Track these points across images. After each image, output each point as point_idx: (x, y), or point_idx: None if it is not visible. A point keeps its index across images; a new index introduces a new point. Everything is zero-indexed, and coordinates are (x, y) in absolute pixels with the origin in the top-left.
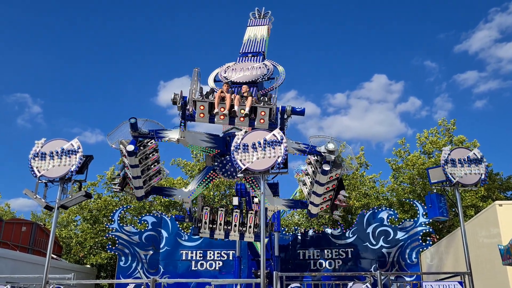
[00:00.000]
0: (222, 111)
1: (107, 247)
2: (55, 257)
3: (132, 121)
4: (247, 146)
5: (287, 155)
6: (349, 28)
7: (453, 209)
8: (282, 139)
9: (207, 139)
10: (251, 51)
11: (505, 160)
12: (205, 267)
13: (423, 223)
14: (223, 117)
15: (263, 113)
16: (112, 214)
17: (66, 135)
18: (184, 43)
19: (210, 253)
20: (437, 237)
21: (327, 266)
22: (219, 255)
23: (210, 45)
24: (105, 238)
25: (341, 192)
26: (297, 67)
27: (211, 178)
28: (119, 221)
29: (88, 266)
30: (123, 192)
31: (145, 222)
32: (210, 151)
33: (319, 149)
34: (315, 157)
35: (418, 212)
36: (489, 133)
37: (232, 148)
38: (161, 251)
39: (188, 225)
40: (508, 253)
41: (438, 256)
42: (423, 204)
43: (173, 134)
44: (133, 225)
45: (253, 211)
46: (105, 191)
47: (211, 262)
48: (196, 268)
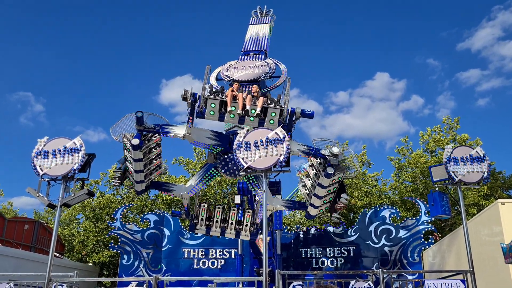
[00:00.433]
0: (233, 110)
1: (110, 245)
2: (57, 255)
3: (138, 114)
4: (249, 144)
5: (289, 153)
6: (351, 26)
7: (456, 208)
8: (284, 137)
9: (212, 137)
10: (253, 50)
11: (508, 158)
12: (207, 265)
13: (425, 221)
14: (234, 116)
15: (274, 114)
16: (114, 212)
17: (68, 133)
18: (186, 42)
19: (212, 252)
20: (439, 235)
21: (329, 264)
22: (221, 254)
23: (212, 44)
24: (107, 236)
25: (342, 195)
26: (299, 66)
27: (212, 175)
28: (121, 220)
29: (90, 264)
30: (123, 186)
31: (147, 220)
32: (213, 149)
33: (323, 152)
34: (318, 160)
35: (420, 210)
36: (491, 132)
37: (234, 146)
38: (163, 250)
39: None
40: (510, 252)
41: (440, 254)
42: (425, 202)
43: (179, 129)
44: (135, 224)
45: (250, 210)
46: (107, 189)
47: (213, 260)
48: (198, 266)
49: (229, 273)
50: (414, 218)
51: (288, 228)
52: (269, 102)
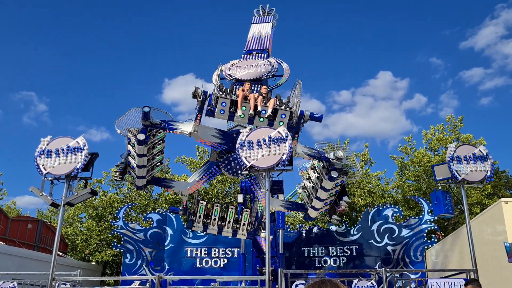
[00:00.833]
0: (244, 110)
1: (113, 244)
2: (61, 254)
3: (146, 109)
4: (252, 143)
5: (291, 152)
6: (354, 25)
7: (459, 207)
8: (287, 136)
9: (217, 135)
10: (256, 49)
11: (511, 157)
12: (210, 264)
13: (428, 220)
14: (244, 116)
15: (284, 115)
16: (117, 211)
17: (71, 133)
18: (188, 41)
19: (214, 251)
20: (442, 234)
21: (331, 263)
22: (223, 253)
23: (214, 43)
24: (110, 235)
25: (344, 198)
26: (301, 64)
27: (213, 173)
28: (124, 219)
29: (93, 263)
30: (125, 182)
31: (150, 219)
32: (218, 147)
33: (328, 156)
34: (321, 163)
35: (423, 209)
36: (495, 130)
37: (237, 145)
38: (166, 249)
39: None
40: None
41: (443, 253)
42: (428, 201)
43: (185, 127)
44: (138, 223)
45: (248, 209)
46: (110, 188)
47: (215, 259)
48: (201, 265)
49: (232, 272)
50: (417, 217)
51: (290, 227)
52: (279, 103)
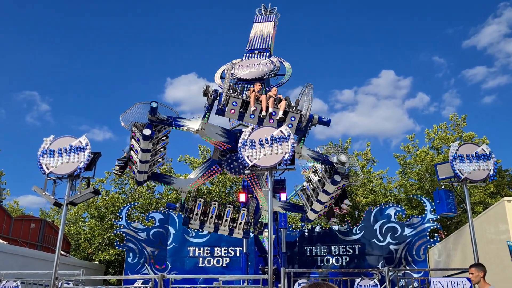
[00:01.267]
0: (255, 111)
1: (115, 243)
2: (64, 253)
3: (153, 105)
4: (254, 142)
5: (294, 152)
6: (356, 23)
7: (461, 206)
8: (289, 136)
9: (222, 133)
10: (258, 48)
11: None
12: (212, 263)
13: (430, 219)
14: (254, 117)
15: (293, 118)
16: (119, 211)
17: (74, 132)
18: (190, 40)
19: (217, 250)
20: (445, 233)
21: (334, 262)
22: (226, 252)
23: (216, 42)
24: (113, 234)
25: (344, 201)
26: (304, 63)
27: (214, 171)
28: (126, 218)
29: (96, 262)
30: (123, 175)
31: (153, 219)
32: (222, 145)
33: (332, 160)
34: (324, 166)
35: (425, 208)
36: (498, 129)
37: (239, 144)
38: (168, 248)
39: None
40: None
41: (446, 252)
42: (431, 200)
43: (192, 124)
44: (140, 222)
45: (245, 209)
46: (112, 188)
47: (218, 258)
48: (203, 264)
49: (235, 271)
50: (419, 216)
51: (293, 226)
52: (289, 106)
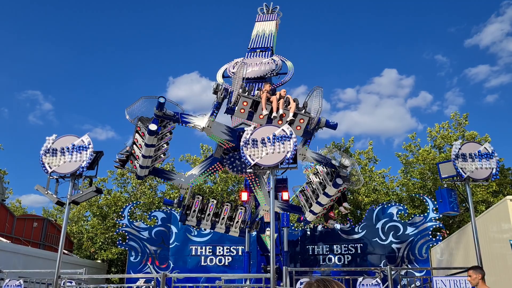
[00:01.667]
0: (265, 112)
1: (118, 242)
2: (66, 252)
3: (161, 100)
4: (256, 141)
5: (296, 150)
6: (358, 21)
7: (464, 204)
8: (291, 134)
9: (226, 132)
10: (260, 47)
11: None
12: (214, 262)
13: (433, 218)
14: (262, 117)
15: (302, 120)
16: (122, 210)
17: (77, 131)
18: (192, 39)
19: (219, 249)
20: (447, 232)
21: (336, 261)
22: (228, 251)
23: (219, 41)
24: (115, 233)
25: (344, 204)
26: (306, 62)
27: (215, 169)
28: (129, 217)
29: (99, 261)
30: (123, 168)
31: (155, 217)
32: (226, 144)
33: (335, 163)
34: (325, 169)
35: (428, 207)
36: (500, 128)
37: (241, 143)
38: (170, 247)
39: None
40: None
41: (448, 251)
42: (433, 199)
43: (199, 121)
44: (142, 221)
45: (243, 207)
46: (114, 187)
47: (220, 257)
48: (205, 263)
49: (237, 270)
50: (422, 215)
51: (295, 225)
52: (298, 108)
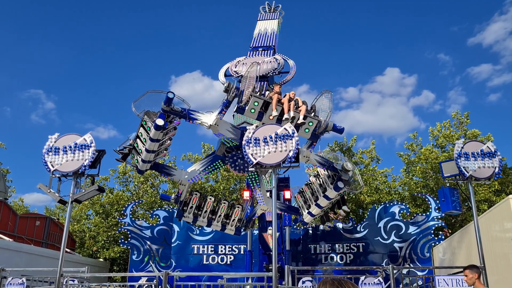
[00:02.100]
0: (275, 113)
1: (120, 241)
2: (69, 251)
3: (170, 95)
4: (258, 140)
5: (298, 149)
6: (360, 20)
7: (466, 203)
8: (293, 133)
9: (231, 130)
10: (262, 46)
11: None
12: (216, 261)
13: (435, 217)
14: (272, 118)
15: (311, 124)
16: (124, 208)
17: (79, 130)
18: (195, 38)
19: (221, 247)
20: (450, 231)
21: (338, 260)
22: (230, 249)
23: (221, 40)
24: (117, 232)
25: (343, 207)
26: (308, 61)
27: (216, 167)
28: (131, 216)
29: (101, 260)
30: (123, 161)
31: (157, 216)
32: (229, 142)
33: (337, 166)
34: (327, 172)
35: (430, 206)
36: (503, 127)
37: (243, 142)
38: (172, 245)
39: None
40: None
41: (450, 250)
42: (435, 198)
43: (206, 118)
44: (145, 220)
45: (239, 206)
46: (116, 186)
47: (222, 256)
48: (207, 262)
49: (239, 269)
50: (424, 214)
51: (297, 224)
52: (307, 111)
